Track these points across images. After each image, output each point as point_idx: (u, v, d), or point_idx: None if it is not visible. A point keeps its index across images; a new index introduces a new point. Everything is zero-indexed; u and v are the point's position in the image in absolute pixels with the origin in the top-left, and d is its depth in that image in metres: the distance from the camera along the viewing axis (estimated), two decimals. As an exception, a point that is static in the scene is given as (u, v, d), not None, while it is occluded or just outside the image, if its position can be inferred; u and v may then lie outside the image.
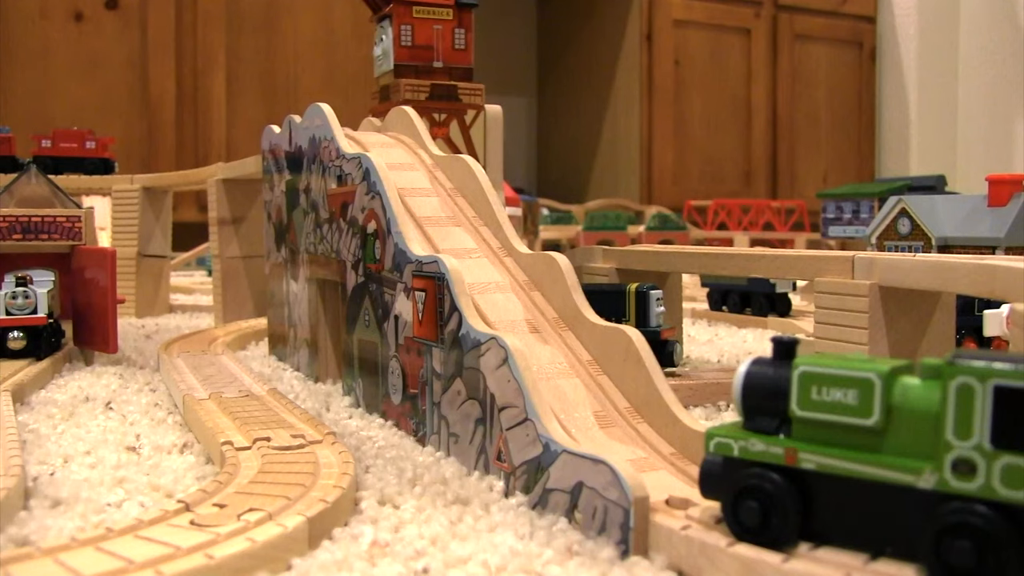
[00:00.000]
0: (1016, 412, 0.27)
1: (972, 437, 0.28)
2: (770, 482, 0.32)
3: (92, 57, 2.48)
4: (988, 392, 0.28)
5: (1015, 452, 0.27)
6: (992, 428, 0.28)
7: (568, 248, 2.16)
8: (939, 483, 0.29)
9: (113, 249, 0.82)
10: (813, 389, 0.31)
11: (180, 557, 0.32)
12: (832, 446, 0.31)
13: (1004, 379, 0.27)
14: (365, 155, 0.63)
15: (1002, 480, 0.27)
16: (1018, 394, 0.27)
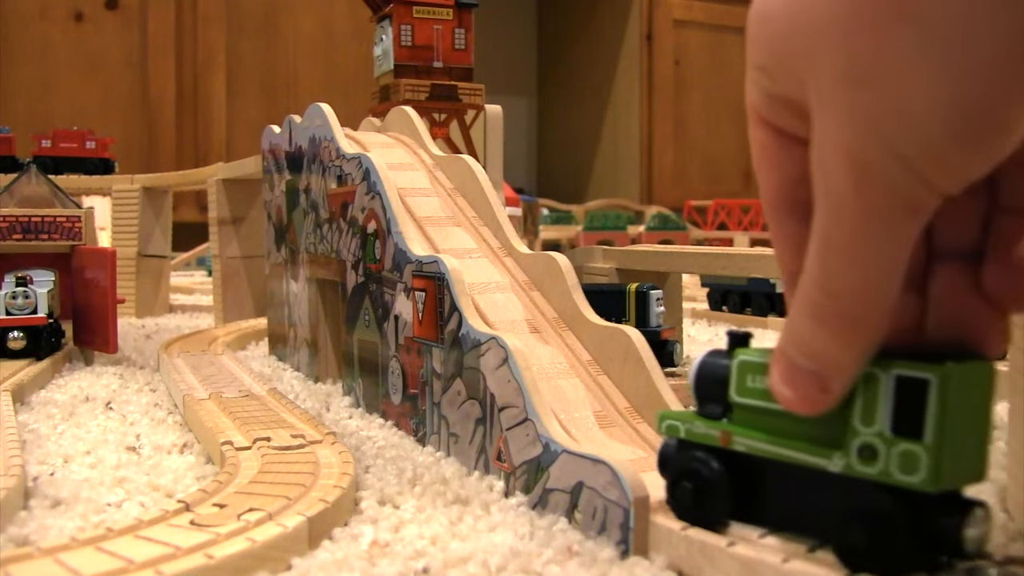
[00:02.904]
0: (913, 401, 0.28)
1: (875, 424, 0.29)
2: (704, 464, 0.34)
3: (92, 57, 2.48)
4: (890, 381, 0.29)
5: (910, 439, 0.28)
6: (892, 416, 0.28)
7: (568, 248, 2.16)
8: (846, 467, 0.30)
9: (113, 249, 0.82)
10: (748, 377, 0.33)
11: (180, 557, 0.32)
12: (761, 430, 0.32)
13: (904, 369, 0.28)
14: (365, 155, 0.63)
15: (898, 465, 0.28)
16: (916, 384, 0.28)
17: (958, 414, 0.28)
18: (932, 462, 0.28)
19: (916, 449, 0.28)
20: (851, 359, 0.27)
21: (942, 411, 0.28)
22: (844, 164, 0.24)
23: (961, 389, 0.28)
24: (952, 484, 0.29)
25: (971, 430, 0.29)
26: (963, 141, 0.22)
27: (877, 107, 0.23)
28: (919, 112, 0.22)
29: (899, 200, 0.24)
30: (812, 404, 0.28)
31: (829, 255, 0.26)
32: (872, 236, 0.25)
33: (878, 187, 0.24)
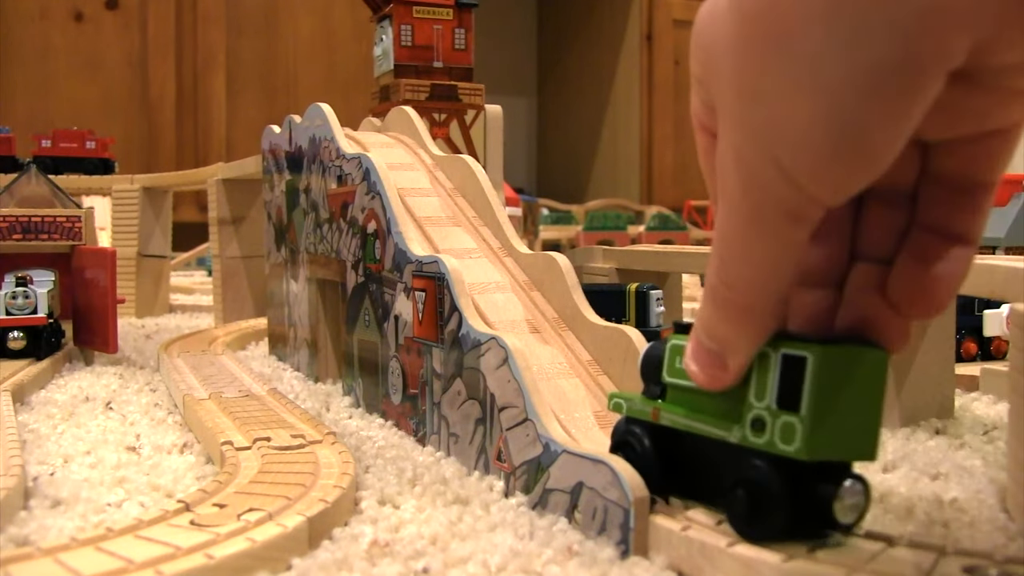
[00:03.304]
0: (794, 377, 0.31)
1: (765, 398, 0.31)
2: (637, 438, 0.37)
3: (92, 57, 2.48)
4: (778, 359, 0.31)
5: (789, 411, 0.31)
6: (777, 391, 0.31)
7: (568, 248, 2.16)
8: (742, 438, 0.32)
9: (113, 249, 0.82)
10: (676, 359, 0.36)
11: (180, 557, 0.32)
12: (682, 406, 0.35)
13: (788, 348, 0.31)
14: (365, 155, 0.63)
15: (779, 435, 0.31)
16: (796, 361, 0.30)
17: (836, 391, 0.30)
18: (806, 432, 0.30)
19: (793, 420, 0.31)
20: (745, 342, 0.30)
21: (817, 386, 0.30)
22: (735, 169, 0.26)
23: (840, 369, 0.30)
24: (829, 455, 0.31)
25: (856, 409, 0.31)
26: (834, 159, 0.24)
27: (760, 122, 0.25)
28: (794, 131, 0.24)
29: (780, 206, 0.26)
30: (714, 380, 0.32)
31: (723, 248, 0.28)
32: (757, 235, 0.27)
33: (762, 192, 0.26)
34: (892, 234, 0.30)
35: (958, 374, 0.64)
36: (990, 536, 0.38)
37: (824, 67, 0.23)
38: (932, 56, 0.23)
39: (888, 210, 0.30)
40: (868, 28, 0.22)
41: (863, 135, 0.24)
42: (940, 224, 0.29)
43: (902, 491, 0.45)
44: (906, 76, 0.23)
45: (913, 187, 0.29)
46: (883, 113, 0.23)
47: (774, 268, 0.28)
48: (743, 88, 0.25)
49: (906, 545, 0.33)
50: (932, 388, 0.59)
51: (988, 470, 0.48)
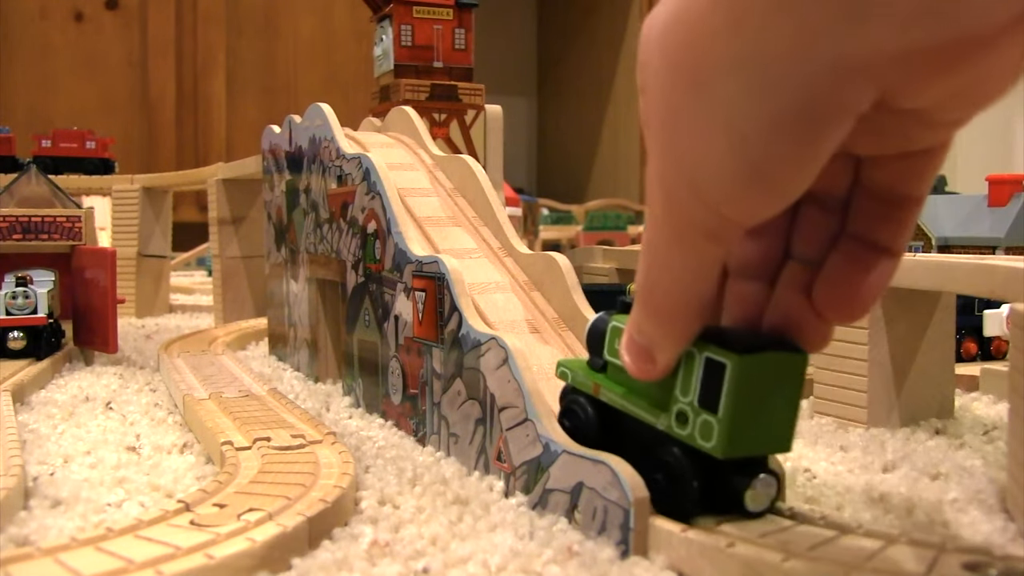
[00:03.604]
0: (714, 380, 0.33)
1: (689, 395, 0.34)
2: (581, 407, 0.40)
3: (92, 57, 2.48)
4: (702, 361, 0.33)
5: (709, 411, 0.33)
6: (700, 390, 0.33)
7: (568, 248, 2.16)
8: (667, 427, 0.35)
9: (113, 249, 0.82)
10: (616, 340, 0.37)
11: (180, 557, 0.32)
12: (620, 386, 0.38)
13: (711, 353, 0.33)
14: (365, 155, 0.63)
15: (699, 432, 0.34)
16: (717, 366, 0.32)
17: (753, 395, 0.33)
18: (722, 433, 0.33)
19: (712, 420, 0.33)
20: (670, 341, 0.32)
21: (735, 392, 0.32)
22: (658, 189, 0.28)
23: (758, 375, 0.32)
24: (743, 453, 0.34)
25: (772, 409, 0.33)
26: (746, 192, 0.26)
27: (679, 152, 0.27)
28: (710, 163, 0.26)
29: (698, 226, 0.28)
30: (643, 372, 0.34)
31: (649, 256, 0.30)
32: (678, 250, 0.29)
33: (681, 213, 0.28)
34: (824, 237, 0.31)
35: (958, 374, 0.64)
36: (990, 536, 0.38)
37: (735, 112, 0.25)
38: (835, 107, 0.24)
39: (822, 214, 0.31)
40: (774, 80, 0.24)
41: (771, 173, 0.25)
42: (867, 234, 0.31)
43: (902, 491, 0.45)
44: (810, 124, 0.24)
45: (846, 196, 0.31)
46: (789, 154, 0.25)
47: (693, 279, 0.30)
48: (665, 120, 0.27)
49: (906, 543, 0.33)
50: (932, 388, 0.59)
51: (988, 470, 0.48)
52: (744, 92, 0.24)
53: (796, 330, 0.32)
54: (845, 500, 0.44)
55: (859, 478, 0.47)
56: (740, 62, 0.24)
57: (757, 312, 0.33)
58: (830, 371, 0.60)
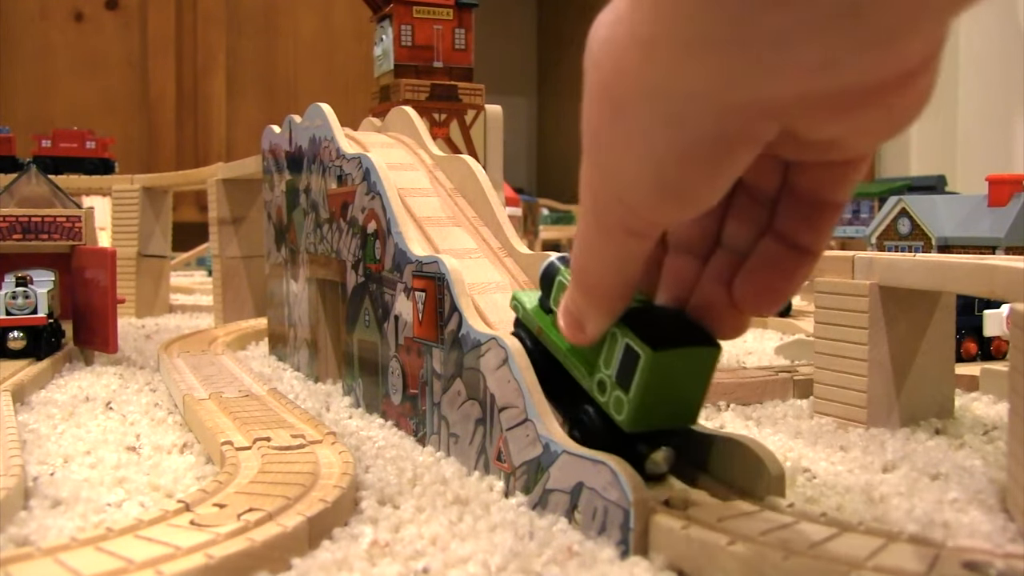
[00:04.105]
0: (630, 365, 0.36)
1: (610, 369, 0.37)
2: (523, 339, 0.45)
3: (92, 57, 2.48)
4: (622, 346, 0.37)
5: (622, 389, 0.37)
6: (618, 369, 0.37)
7: (568, 248, 2.16)
8: (590, 388, 0.39)
9: (113, 249, 0.82)
10: (560, 294, 0.40)
11: (180, 557, 0.32)
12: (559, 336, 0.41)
13: (631, 341, 0.36)
14: (365, 155, 0.63)
15: (613, 404, 0.38)
16: (634, 353, 0.36)
17: (662, 382, 0.36)
18: (630, 411, 0.37)
19: (623, 398, 0.37)
20: (597, 315, 0.35)
21: (645, 380, 0.36)
22: (588, 187, 0.31)
23: (669, 366, 0.36)
24: (648, 427, 0.38)
25: (680, 392, 0.37)
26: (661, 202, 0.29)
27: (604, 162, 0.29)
28: (629, 177, 0.28)
29: (622, 225, 0.30)
30: (574, 338, 0.37)
31: (579, 244, 0.33)
32: (604, 242, 0.32)
33: (606, 212, 0.30)
34: (753, 228, 0.33)
35: (958, 374, 0.64)
36: (990, 536, 0.38)
37: (649, 139, 0.27)
38: (742, 139, 0.26)
39: (753, 206, 0.33)
40: (685, 115, 0.26)
41: (683, 190, 0.28)
42: (789, 234, 0.32)
43: (902, 491, 0.45)
44: (718, 153, 0.26)
45: (776, 193, 0.32)
46: (699, 176, 0.27)
47: (618, 267, 0.33)
48: (594, 131, 0.29)
49: (906, 541, 0.33)
50: (932, 388, 0.59)
51: (988, 470, 0.48)
52: (658, 122, 0.26)
53: (714, 319, 0.35)
54: (845, 500, 0.44)
55: (859, 478, 0.47)
56: (654, 95, 0.26)
57: (687, 288, 0.36)
58: (830, 371, 0.60)
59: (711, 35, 0.24)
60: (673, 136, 0.26)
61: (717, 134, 0.26)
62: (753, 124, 0.26)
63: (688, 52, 0.24)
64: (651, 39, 0.25)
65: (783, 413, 0.63)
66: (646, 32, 0.25)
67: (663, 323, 0.36)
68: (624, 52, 0.26)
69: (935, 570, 0.30)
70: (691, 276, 0.35)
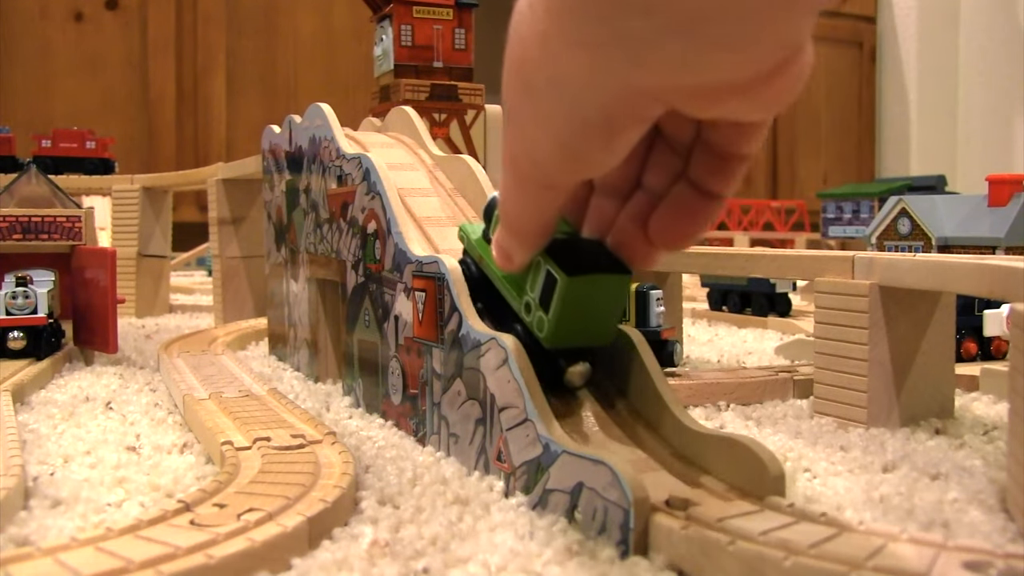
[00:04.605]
0: (550, 288, 0.41)
1: (535, 292, 0.43)
2: (467, 267, 0.50)
3: (92, 57, 2.48)
4: (543, 272, 0.42)
5: (544, 310, 0.42)
6: (540, 293, 0.42)
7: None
8: (518, 309, 0.44)
9: (113, 249, 0.82)
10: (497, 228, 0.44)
11: (180, 557, 0.32)
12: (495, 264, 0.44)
13: (551, 267, 0.41)
14: (365, 155, 0.63)
15: (536, 323, 0.43)
16: (552, 279, 0.41)
17: (578, 305, 0.41)
18: (549, 330, 0.42)
19: (544, 318, 0.42)
20: (521, 249, 0.40)
21: (562, 302, 0.41)
22: (507, 150, 0.35)
23: (584, 290, 0.41)
24: (566, 344, 0.43)
25: (595, 314, 0.43)
26: (567, 166, 0.33)
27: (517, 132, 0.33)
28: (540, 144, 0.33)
29: (537, 180, 0.35)
30: (504, 266, 0.42)
31: (503, 189, 0.37)
32: (521, 194, 0.36)
33: (522, 170, 0.35)
34: (669, 174, 0.37)
35: (958, 374, 0.64)
36: (990, 536, 0.38)
37: (551, 116, 0.31)
38: (630, 118, 0.30)
39: (670, 155, 0.37)
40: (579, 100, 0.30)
41: (582, 157, 0.32)
42: (700, 181, 0.36)
43: (902, 491, 0.45)
44: (608, 129, 0.31)
45: (690, 145, 0.36)
46: (595, 147, 0.32)
47: (536, 213, 0.37)
48: (510, 105, 0.33)
49: (906, 541, 0.33)
50: (932, 388, 0.59)
51: (988, 470, 0.48)
52: (557, 104, 0.31)
53: (629, 251, 0.39)
54: (845, 500, 0.44)
55: (859, 478, 0.47)
56: (552, 82, 0.30)
57: (608, 223, 0.40)
58: (830, 371, 0.60)
59: (591, 35, 0.27)
60: (570, 115, 0.31)
61: (607, 115, 0.30)
62: (637, 107, 0.30)
63: (575, 48, 0.28)
64: (545, 35, 0.29)
65: (783, 413, 0.63)
66: (542, 29, 0.29)
67: (582, 253, 0.41)
68: (528, 43, 0.30)
69: (935, 571, 0.30)
70: (612, 213, 0.39)
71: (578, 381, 0.45)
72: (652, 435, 0.45)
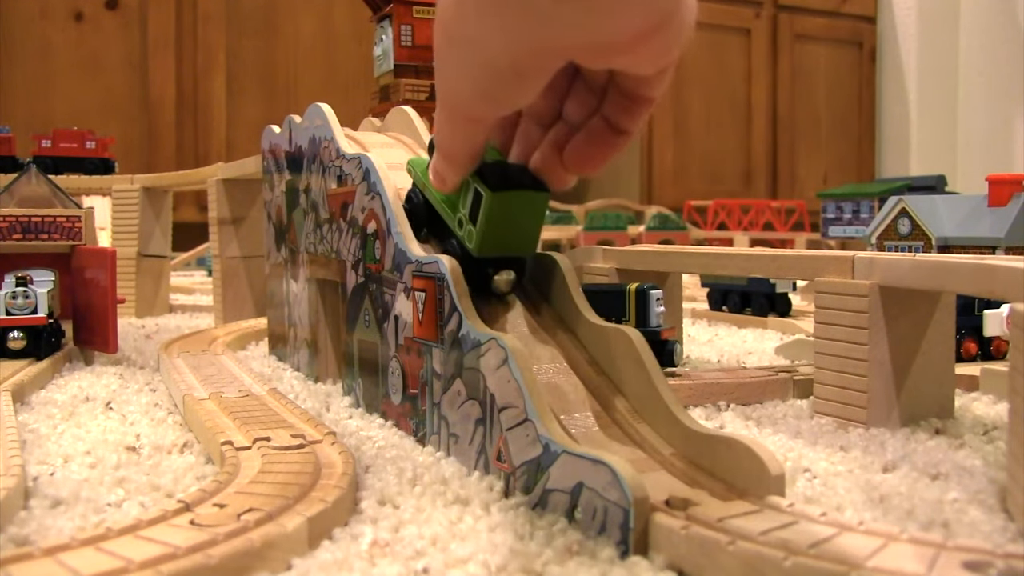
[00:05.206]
0: (477, 204, 0.48)
1: (466, 209, 0.49)
2: (415, 194, 0.56)
3: (92, 57, 2.48)
4: (472, 190, 0.48)
5: (472, 224, 0.49)
6: (470, 208, 0.48)
7: (568, 248, 2.16)
8: (453, 227, 0.51)
9: (113, 249, 0.82)
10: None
11: (180, 557, 0.32)
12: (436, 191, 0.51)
13: (478, 185, 0.47)
14: (365, 155, 0.63)
15: (467, 236, 0.50)
16: (479, 194, 0.47)
17: (502, 218, 0.48)
18: (477, 240, 0.49)
19: (473, 230, 0.49)
20: (451, 173, 0.47)
21: (487, 215, 0.47)
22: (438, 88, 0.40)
23: (506, 205, 0.47)
24: (494, 254, 0.50)
25: (518, 227, 0.49)
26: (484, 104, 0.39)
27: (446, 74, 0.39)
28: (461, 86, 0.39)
29: (463, 114, 0.41)
30: (440, 188, 0.49)
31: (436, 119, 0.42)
32: (449, 125, 0.42)
33: (449, 107, 0.41)
34: (586, 109, 0.43)
35: (958, 374, 0.64)
36: (990, 536, 0.38)
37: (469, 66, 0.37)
38: (532, 70, 0.36)
39: (588, 93, 0.42)
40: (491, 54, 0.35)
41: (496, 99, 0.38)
42: (611, 117, 0.42)
43: (902, 491, 0.45)
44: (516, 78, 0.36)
45: (605, 86, 0.42)
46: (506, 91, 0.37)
47: (464, 142, 0.43)
48: (438, 51, 0.38)
49: (906, 541, 0.33)
50: (932, 388, 0.59)
51: (988, 470, 0.48)
52: (474, 57, 0.36)
53: (548, 173, 0.45)
54: (845, 500, 0.44)
55: (859, 478, 0.47)
56: (468, 39, 0.36)
57: (532, 150, 0.46)
58: (830, 371, 0.60)
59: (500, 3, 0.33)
60: (484, 66, 0.36)
61: (515, 66, 0.36)
62: (540, 60, 0.35)
63: (486, 14, 0.34)
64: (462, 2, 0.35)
65: (783, 413, 0.63)
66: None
67: (506, 173, 0.47)
68: (448, 6, 0.36)
69: (935, 571, 0.30)
70: (536, 140, 0.46)
71: (504, 287, 0.51)
72: (652, 435, 0.45)
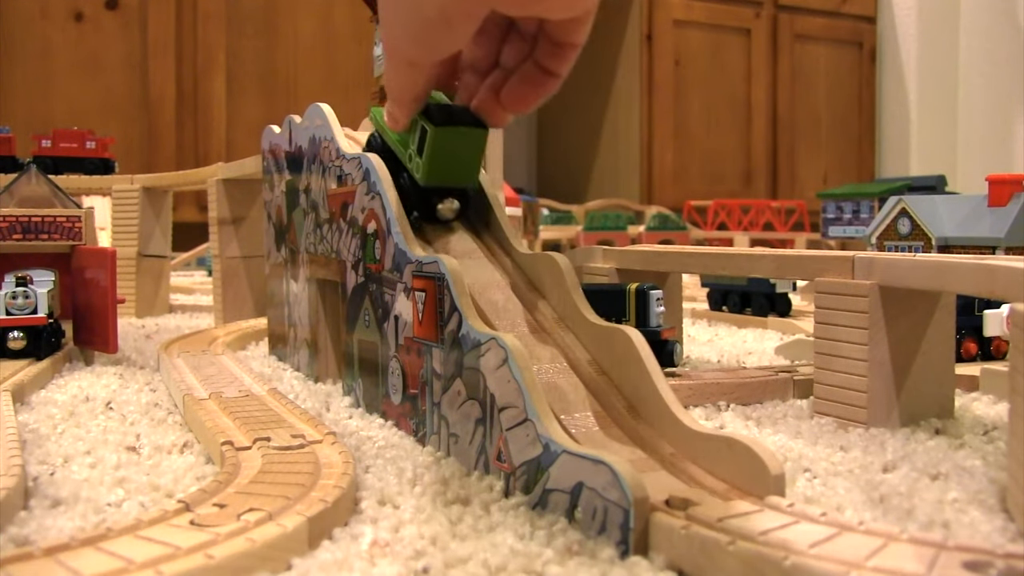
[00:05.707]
0: (422, 138, 0.54)
1: (415, 145, 0.55)
2: (375, 139, 0.62)
3: (92, 57, 2.48)
4: (419, 127, 0.54)
5: (419, 155, 0.55)
6: (417, 143, 0.55)
7: (568, 248, 2.16)
8: (405, 161, 0.58)
9: (113, 249, 0.82)
10: None
11: (180, 557, 0.32)
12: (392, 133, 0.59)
13: (424, 123, 0.54)
14: (365, 155, 0.63)
15: (415, 167, 0.56)
16: (424, 129, 0.54)
17: (445, 151, 0.54)
18: (424, 170, 0.55)
19: (419, 162, 0.55)
20: (401, 113, 0.53)
21: (432, 147, 0.54)
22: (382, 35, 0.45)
23: (448, 139, 0.53)
24: (439, 183, 0.57)
25: (459, 160, 0.55)
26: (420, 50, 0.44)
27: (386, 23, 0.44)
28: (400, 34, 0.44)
29: (401, 59, 0.47)
30: (392, 127, 0.55)
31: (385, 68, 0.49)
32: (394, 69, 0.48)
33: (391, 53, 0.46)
34: (520, 54, 0.48)
35: (958, 374, 0.64)
36: (990, 536, 0.38)
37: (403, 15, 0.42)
38: (463, 16, 0.41)
39: (520, 41, 0.48)
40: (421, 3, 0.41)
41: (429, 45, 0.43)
42: (542, 61, 0.47)
43: (902, 491, 0.45)
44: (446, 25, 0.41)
45: (536, 34, 0.47)
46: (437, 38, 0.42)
47: (409, 85, 0.50)
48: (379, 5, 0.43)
49: (906, 541, 0.33)
50: (932, 388, 0.59)
51: (988, 470, 0.48)
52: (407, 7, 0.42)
53: (487, 113, 0.51)
54: (845, 500, 0.44)
55: (859, 478, 0.47)
56: None
57: (473, 92, 0.51)
58: (830, 371, 0.60)
59: None
60: (416, 14, 0.41)
61: (444, 15, 0.40)
62: (466, 8, 0.40)
63: None
64: None
65: (783, 413, 0.63)
66: None
67: (449, 112, 0.53)
68: None
69: (935, 571, 0.30)
70: (476, 85, 0.51)
71: (448, 215, 0.58)
72: (652, 435, 0.45)
